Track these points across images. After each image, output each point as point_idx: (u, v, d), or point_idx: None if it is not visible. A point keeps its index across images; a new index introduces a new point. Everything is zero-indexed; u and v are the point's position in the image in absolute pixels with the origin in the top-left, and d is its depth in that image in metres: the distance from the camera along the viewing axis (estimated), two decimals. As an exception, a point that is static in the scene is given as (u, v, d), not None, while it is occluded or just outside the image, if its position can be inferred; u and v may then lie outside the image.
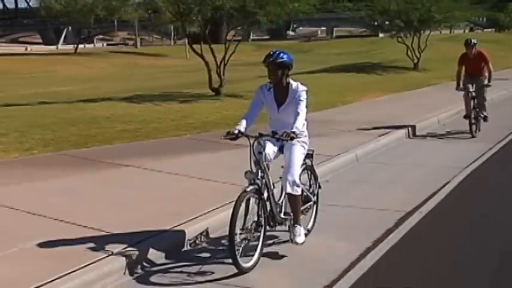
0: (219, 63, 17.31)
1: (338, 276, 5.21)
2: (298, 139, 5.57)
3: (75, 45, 52.82)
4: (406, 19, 25.78)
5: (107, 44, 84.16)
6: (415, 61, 26.91)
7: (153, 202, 7.13)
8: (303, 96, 5.65)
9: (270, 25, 19.24)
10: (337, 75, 24.82)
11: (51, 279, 4.77)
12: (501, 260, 5.65)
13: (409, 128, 12.49)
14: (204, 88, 18.63)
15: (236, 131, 5.54)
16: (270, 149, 5.64)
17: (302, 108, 5.59)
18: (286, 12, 17.02)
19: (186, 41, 52.10)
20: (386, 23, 29.48)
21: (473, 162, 9.81)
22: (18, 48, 62.39)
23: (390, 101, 17.61)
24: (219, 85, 17.50)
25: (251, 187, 5.31)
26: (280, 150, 5.76)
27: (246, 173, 5.39)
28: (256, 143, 5.49)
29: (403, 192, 8.05)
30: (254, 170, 5.38)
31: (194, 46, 18.35)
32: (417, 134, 12.48)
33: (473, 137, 11.93)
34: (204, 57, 17.33)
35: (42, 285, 4.69)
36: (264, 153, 5.48)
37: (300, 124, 5.50)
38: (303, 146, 5.77)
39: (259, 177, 5.38)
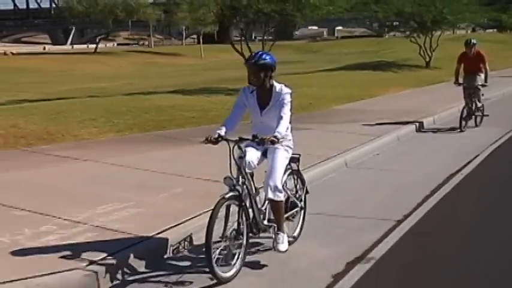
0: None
1: (403, 217, 7.07)
2: (282, 143, 5.40)
3: (95, 45, 54.72)
4: (420, 20, 27.64)
5: (117, 44, 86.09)
6: (427, 60, 28.78)
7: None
8: (287, 99, 5.43)
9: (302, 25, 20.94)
10: (356, 73, 26.64)
11: (204, 211, 6.63)
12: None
13: (435, 116, 14.35)
14: (237, 83, 20.41)
15: (216, 135, 5.31)
16: (254, 155, 5.44)
17: (286, 112, 5.38)
18: (319, 15, 18.86)
19: (201, 40, 54.38)
20: (395, 23, 31.49)
21: (495, 141, 11.67)
22: (37, 48, 64.28)
23: (411, 95, 19.51)
24: (256, 80, 19.27)
25: (230, 193, 5.10)
26: (264, 154, 5.57)
27: (225, 178, 5.16)
28: (236, 147, 5.26)
29: (442, 162, 9.91)
30: (235, 176, 5.20)
31: (206, 45, 19.94)
32: (442, 121, 14.31)
33: (461, 131, 12.69)
34: (244, 55, 19.12)
35: (200, 214, 6.52)
36: (245, 159, 5.28)
37: (283, 128, 5.31)
38: (286, 150, 5.57)
39: (239, 183, 5.19)
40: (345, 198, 7.74)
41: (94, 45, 56.60)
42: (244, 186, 5.25)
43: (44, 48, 63.61)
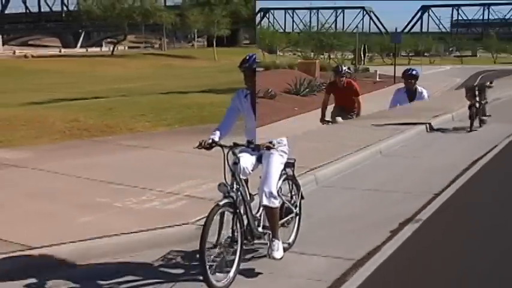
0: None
1: (442, 189, 8.32)
2: (277, 148, 5.37)
3: (112, 48, 56.21)
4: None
5: (128, 47, 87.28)
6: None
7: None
8: None
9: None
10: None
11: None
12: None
13: (453, 113, 15.61)
14: (261, 84, 21.68)
15: (210, 141, 5.29)
16: (248, 161, 5.36)
17: None
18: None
19: (214, 43, 55.65)
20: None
21: (508, 136, 12.89)
22: (53, 50, 65.77)
23: (427, 95, 20.73)
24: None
25: (225, 200, 5.04)
26: (259, 160, 5.48)
27: (219, 185, 5.10)
28: (230, 153, 5.20)
29: (465, 151, 11.16)
30: (229, 182, 5.13)
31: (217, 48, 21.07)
32: (460, 117, 15.48)
33: (470, 131, 13.31)
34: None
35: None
36: (240, 166, 5.21)
37: None
38: (281, 155, 5.47)
39: (234, 189, 5.12)
40: (385, 178, 9.02)
41: (105, 48, 57.82)
42: (239, 193, 5.17)
43: (60, 51, 65.18)
